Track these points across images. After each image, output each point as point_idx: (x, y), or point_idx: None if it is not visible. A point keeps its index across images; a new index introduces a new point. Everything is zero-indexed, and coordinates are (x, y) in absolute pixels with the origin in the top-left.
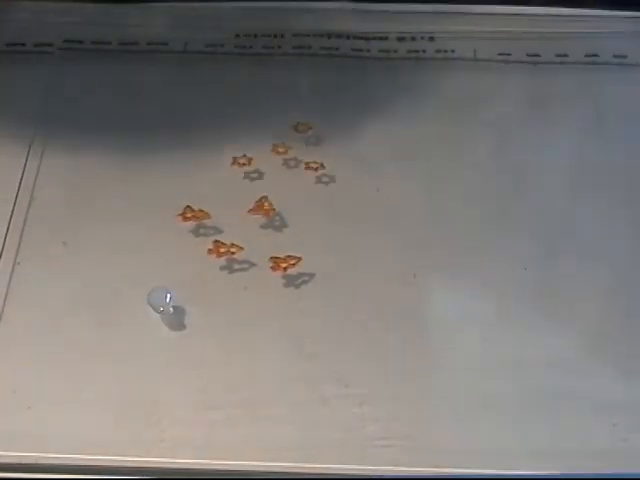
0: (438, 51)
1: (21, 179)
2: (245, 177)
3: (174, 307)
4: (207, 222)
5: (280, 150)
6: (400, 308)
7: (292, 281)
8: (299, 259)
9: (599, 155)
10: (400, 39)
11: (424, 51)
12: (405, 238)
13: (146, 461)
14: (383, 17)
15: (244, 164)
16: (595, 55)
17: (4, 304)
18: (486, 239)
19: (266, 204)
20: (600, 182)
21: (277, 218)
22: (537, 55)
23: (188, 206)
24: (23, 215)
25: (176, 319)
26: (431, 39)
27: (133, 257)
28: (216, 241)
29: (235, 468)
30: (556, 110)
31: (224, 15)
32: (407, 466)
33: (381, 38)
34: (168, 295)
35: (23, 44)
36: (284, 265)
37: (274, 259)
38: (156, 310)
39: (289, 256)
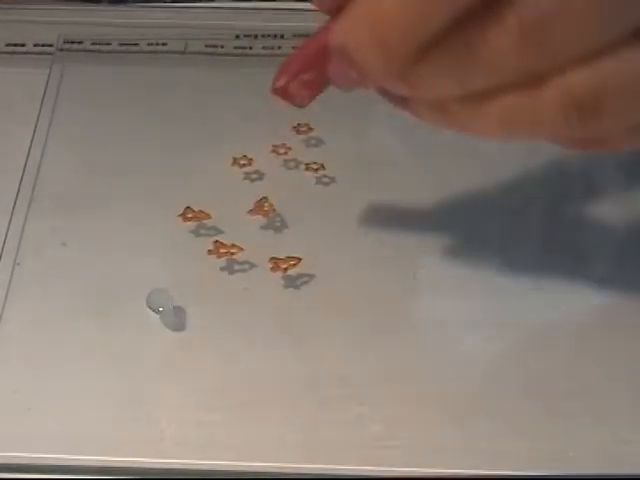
0: None
1: (21, 179)
2: (245, 178)
3: (174, 307)
4: (207, 223)
5: (280, 151)
6: (400, 308)
7: (292, 281)
8: (299, 260)
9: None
10: None
11: None
12: (405, 238)
13: (146, 461)
14: None
15: (244, 165)
16: None
17: (4, 304)
18: (487, 241)
19: (266, 205)
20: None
21: (277, 219)
22: None
23: (188, 207)
24: (23, 215)
25: (176, 319)
26: None
27: (133, 257)
28: (216, 242)
29: (235, 468)
30: None
31: (224, 15)
32: (407, 466)
33: None
34: (168, 296)
35: (23, 44)
36: (284, 266)
37: (274, 260)
38: (156, 311)
39: (289, 257)
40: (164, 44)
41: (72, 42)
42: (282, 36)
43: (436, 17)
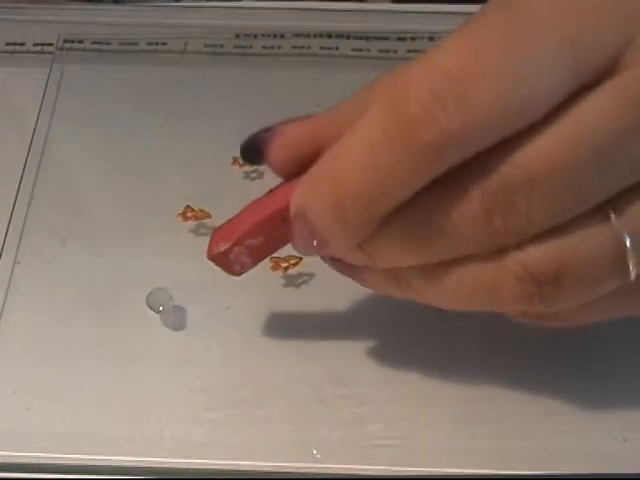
0: None
1: (21, 179)
2: (245, 177)
3: (174, 307)
4: (207, 222)
5: None
6: (400, 308)
7: (292, 281)
8: (299, 259)
9: None
10: (400, 39)
11: (424, 51)
12: None
13: (146, 461)
14: (383, 17)
15: (244, 164)
16: None
17: (4, 304)
18: None
19: None
20: None
21: None
22: None
23: (188, 206)
24: (23, 215)
25: (176, 319)
26: (431, 39)
27: (133, 256)
28: None
29: (235, 468)
30: None
31: (224, 14)
32: (407, 466)
33: (381, 38)
34: (168, 295)
35: (23, 43)
36: (284, 265)
37: (274, 259)
38: (156, 310)
39: (289, 256)
40: (164, 43)
41: (72, 41)
42: (282, 36)
43: (395, 190)
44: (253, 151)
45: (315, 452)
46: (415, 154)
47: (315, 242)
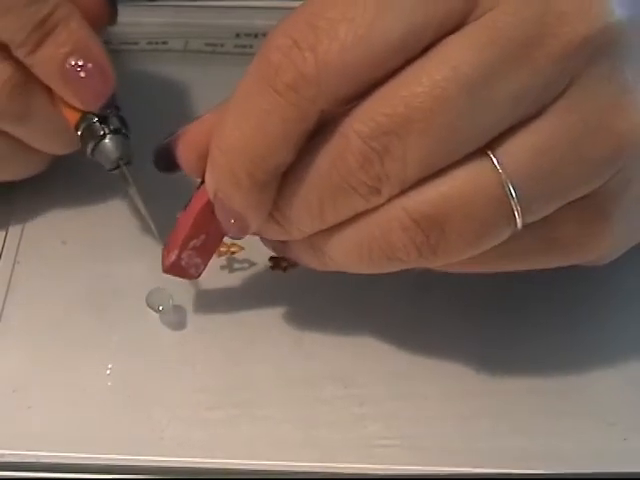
0: None
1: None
2: None
3: (174, 307)
4: None
5: None
6: (400, 308)
7: (292, 280)
8: None
9: None
10: None
11: None
12: None
13: (146, 460)
14: None
15: None
16: None
17: (4, 304)
18: None
19: None
20: None
21: None
22: None
23: None
24: (23, 215)
25: (176, 319)
26: None
27: (133, 255)
28: None
29: (235, 467)
30: None
31: (224, 14)
32: (407, 465)
33: None
34: (168, 295)
35: None
36: (284, 264)
37: (274, 259)
38: (156, 309)
39: None
40: (164, 43)
41: None
42: None
43: (274, 139)
44: (164, 158)
45: (315, 452)
46: (281, 99)
47: (233, 220)
